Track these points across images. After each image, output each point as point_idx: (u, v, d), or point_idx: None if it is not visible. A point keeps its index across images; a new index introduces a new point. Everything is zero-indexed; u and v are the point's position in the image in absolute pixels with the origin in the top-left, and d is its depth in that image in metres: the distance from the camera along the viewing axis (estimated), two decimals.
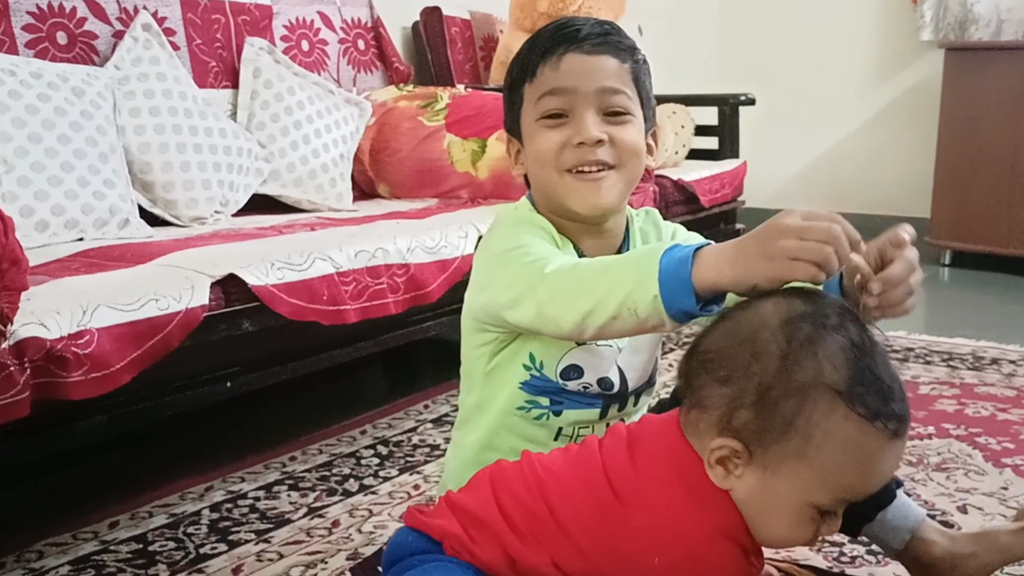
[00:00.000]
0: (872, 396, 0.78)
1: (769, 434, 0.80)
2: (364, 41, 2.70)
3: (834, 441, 0.78)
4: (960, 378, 2.15)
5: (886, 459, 0.81)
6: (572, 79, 1.05)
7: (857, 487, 0.81)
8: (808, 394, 0.79)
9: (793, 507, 0.82)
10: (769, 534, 0.85)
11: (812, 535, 0.84)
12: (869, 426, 0.78)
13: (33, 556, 1.42)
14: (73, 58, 1.99)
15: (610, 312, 0.89)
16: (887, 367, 0.81)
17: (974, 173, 3.49)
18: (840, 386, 0.78)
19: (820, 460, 0.79)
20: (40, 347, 1.19)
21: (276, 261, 1.54)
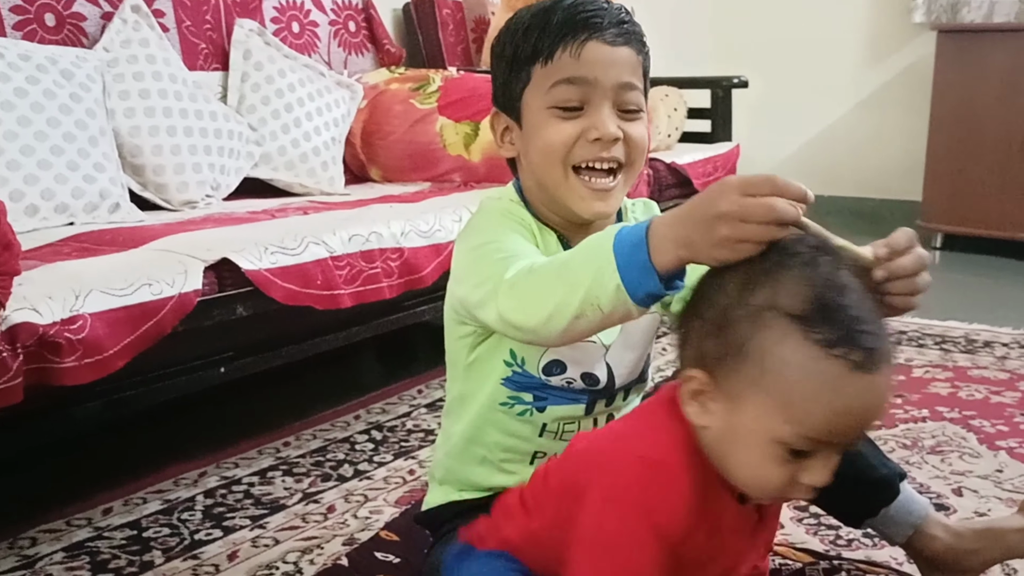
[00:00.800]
0: (832, 324, 0.73)
1: (727, 360, 0.77)
2: (355, 23, 2.68)
3: (790, 368, 0.74)
4: (953, 361, 2.16)
5: (853, 395, 0.74)
6: (593, 70, 0.99)
7: (823, 424, 0.74)
8: (761, 317, 0.75)
9: (759, 443, 0.77)
10: (740, 474, 0.80)
11: (786, 479, 0.79)
12: (825, 353, 0.73)
13: (26, 543, 1.41)
14: (62, 40, 1.97)
15: (572, 312, 0.86)
16: (860, 302, 0.75)
17: (966, 156, 3.49)
18: (795, 311, 0.74)
19: (777, 388, 0.74)
20: (33, 332, 1.17)
21: (269, 245, 1.52)
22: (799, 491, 0.80)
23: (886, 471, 1.15)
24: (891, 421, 1.79)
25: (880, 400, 0.76)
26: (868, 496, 1.15)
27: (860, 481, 1.14)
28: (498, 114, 1.09)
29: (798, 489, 0.80)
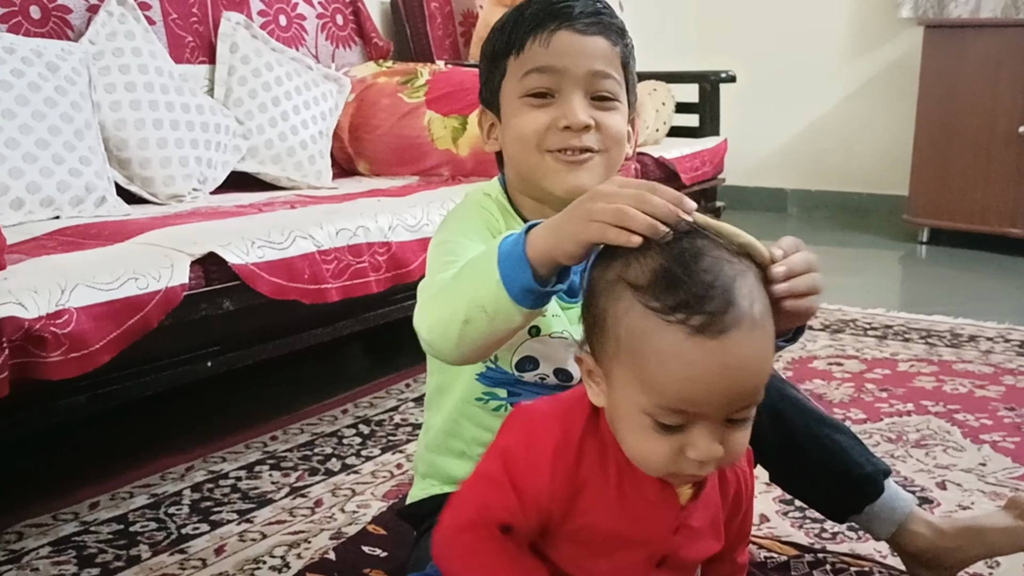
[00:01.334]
0: (671, 291, 0.72)
1: (595, 337, 0.78)
2: (343, 16, 2.67)
3: (636, 338, 0.73)
4: (938, 355, 2.17)
5: (699, 361, 0.71)
6: (562, 58, 1.00)
7: (675, 393, 0.72)
8: (612, 291, 0.76)
9: (631, 417, 0.76)
10: (629, 451, 0.79)
11: (669, 453, 0.75)
12: (663, 320, 0.72)
13: (12, 538, 1.40)
14: (47, 33, 1.95)
15: (461, 317, 0.85)
16: (711, 271, 0.73)
17: (952, 150, 3.51)
18: (638, 281, 0.74)
19: (629, 360, 0.74)
20: (18, 327, 1.17)
21: (256, 239, 1.52)
22: (691, 467, 0.76)
23: (871, 468, 1.16)
24: (876, 415, 1.80)
25: (735, 367, 0.72)
26: (852, 493, 1.16)
27: (844, 478, 1.15)
28: (484, 111, 1.10)
29: (689, 464, 0.76)
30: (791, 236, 0.86)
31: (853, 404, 1.86)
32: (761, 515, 1.41)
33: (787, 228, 4.18)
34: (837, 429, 1.17)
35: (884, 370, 2.07)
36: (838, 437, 1.16)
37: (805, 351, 2.23)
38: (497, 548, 0.81)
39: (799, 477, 1.19)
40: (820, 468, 1.15)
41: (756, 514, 1.39)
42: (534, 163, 1.03)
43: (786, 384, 1.18)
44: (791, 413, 1.14)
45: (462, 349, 0.89)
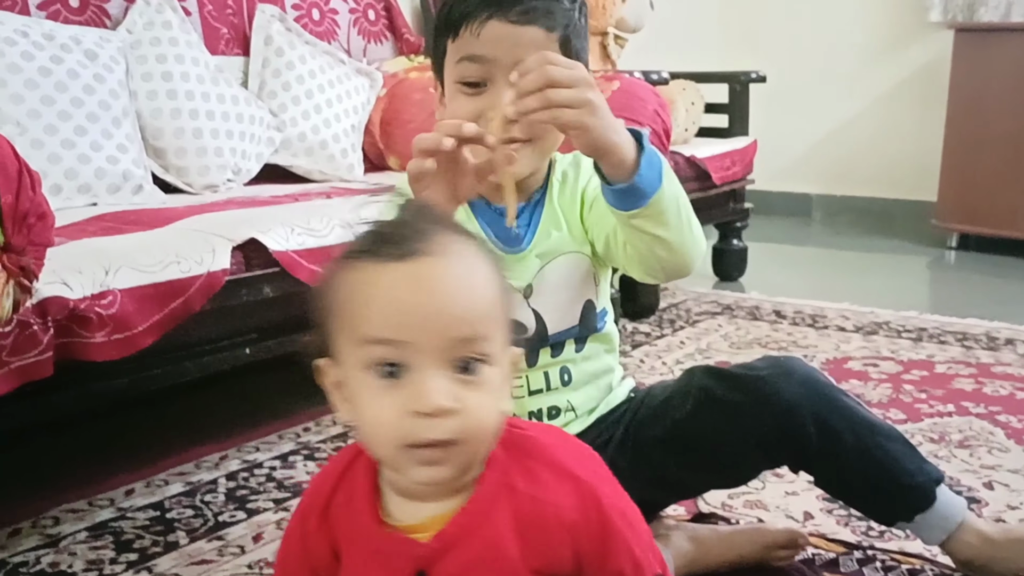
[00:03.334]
0: (365, 238, 0.74)
1: (326, 325, 0.75)
2: (374, 11, 2.67)
3: (342, 291, 0.73)
4: (976, 358, 2.14)
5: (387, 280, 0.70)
6: (492, 49, 1.00)
7: (371, 317, 0.70)
8: (332, 269, 0.75)
9: (358, 381, 0.72)
10: (369, 432, 0.73)
11: (395, 411, 0.70)
12: (359, 263, 0.72)
13: (49, 522, 1.40)
14: (85, 21, 1.95)
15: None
16: (405, 222, 0.74)
17: (982, 155, 3.48)
18: (348, 250, 0.74)
19: (341, 315, 0.73)
20: (63, 306, 1.16)
21: (296, 227, 1.51)
22: (424, 428, 0.69)
23: (923, 478, 1.13)
24: (916, 415, 1.78)
25: (432, 287, 0.70)
26: (902, 503, 1.14)
27: (894, 488, 1.13)
28: (436, 82, 1.11)
29: (420, 426, 0.69)
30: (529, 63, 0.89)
31: (892, 404, 1.84)
32: (805, 512, 1.39)
33: (811, 233, 4.15)
34: (888, 436, 1.14)
35: (921, 371, 2.04)
36: (889, 445, 1.13)
37: (839, 352, 2.20)
38: None
39: (846, 487, 1.17)
40: (868, 479, 1.13)
41: (799, 512, 1.38)
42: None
43: (836, 391, 1.14)
44: (837, 422, 1.11)
45: None
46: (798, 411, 1.09)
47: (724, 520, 1.37)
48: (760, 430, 1.10)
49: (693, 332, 2.41)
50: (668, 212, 0.95)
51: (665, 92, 2.55)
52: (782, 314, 2.56)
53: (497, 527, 0.75)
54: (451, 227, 0.76)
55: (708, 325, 2.48)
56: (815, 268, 3.47)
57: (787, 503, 1.41)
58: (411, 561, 0.75)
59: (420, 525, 0.75)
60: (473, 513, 0.75)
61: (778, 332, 2.39)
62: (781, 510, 1.40)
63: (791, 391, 1.10)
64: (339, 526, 0.78)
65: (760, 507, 1.41)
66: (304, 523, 0.80)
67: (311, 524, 0.79)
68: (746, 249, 3.10)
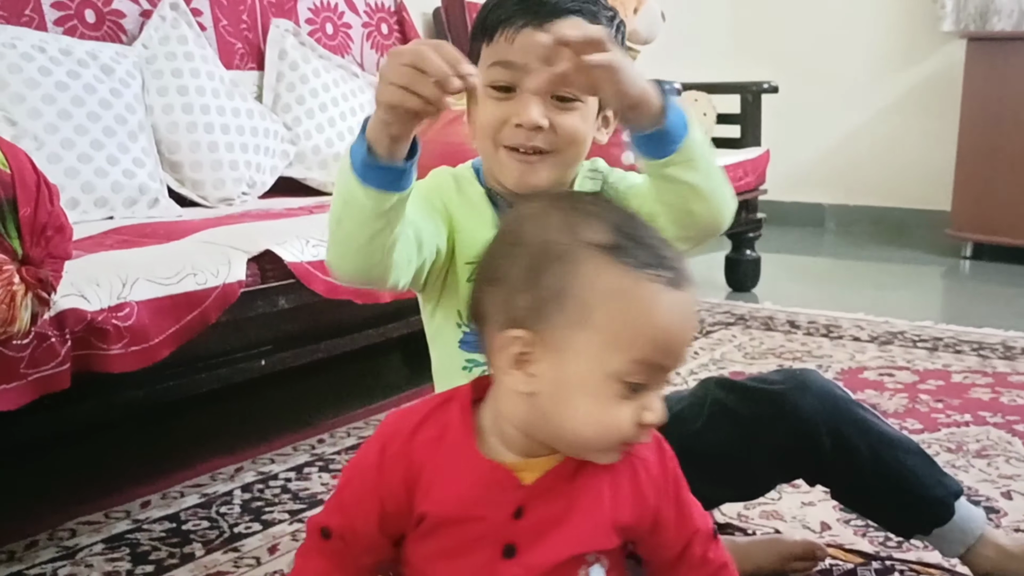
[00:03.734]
0: (638, 248, 0.76)
1: (548, 308, 0.76)
2: (387, 25, 2.68)
3: (610, 296, 0.74)
4: (992, 367, 2.13)
5: (669, 310, 0.75)
6: (524, 55, 0.98)
7: (647, 343, 0.75)
8: (573, 254, 0.75)
9: (595, 384, 0.75)
10: (584, 429, 0.77)
11: (632, 420, 0.76)
12: (640, 274, 0.75)
13: (66, 534, 1.40)
14: (101, 36, 1.97)
15: (335, 218, 0.88)
16: (652, 231, 0.79)
17: (996, 164, 3.47)
18: (605, 242, 0.76)
19: (602, 319, 0.74)
20: (81, 318, 1.17)
21: (311, 238, 1.52)
22: (642, 436, 0.78)
23: (941, 492, 1.12)
24: (933, 425, 1.77)
25: (692, 317, 0.79)
26: (920, 517, 1.13)
27: (912, 501, 1.12)
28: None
29: (640, 434, 0.78)
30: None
31: (908, 414, 1.83)
32: (822, 523, 1.38)
33: (825, 243, 4.14)
34: (906, 450, 1.13)
35: (938, 381, 2.03)
36: (906, 459, 1.12)
37: (854, 361, 2.19)
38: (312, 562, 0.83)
39: (863, 500, 1.16)
40: (886, 493, 1.12)
41: (816, 522, 1.37)
42: (489, 154, 1.04)
43: (853, 404, 1.14)
44: (855, 436, 1.10)
45: (346, 257, 0.90)
46: (814, 426, 1.09)
47: (740, 531, 1.36)
48: (776, 444, 1.09)
49: (707, 342, 2.40)
50: (698, 158, 0.95)
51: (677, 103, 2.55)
52: (796, 324, 2.55)
53: (595, 479, 0.82)
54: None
55: (722, 335, 2.47)
56: (829, 278, 3.46)
57: (804, 513, 1.41)
58: (514, 496, 0.80)
59: (521, 464, 0.81)
60: (575, 462, 0.81)
61: (792, 342, 2.38)
62: (798, 520, 1.39)
63: (807, 405, 1.09)
64: (426, 456, 0.81)
65: (777, 518, 1.40)
66: (384, 449, 0.82)
67: (392, 449, 0.81)
68: (759, 259, 3.10)
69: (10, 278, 1.06)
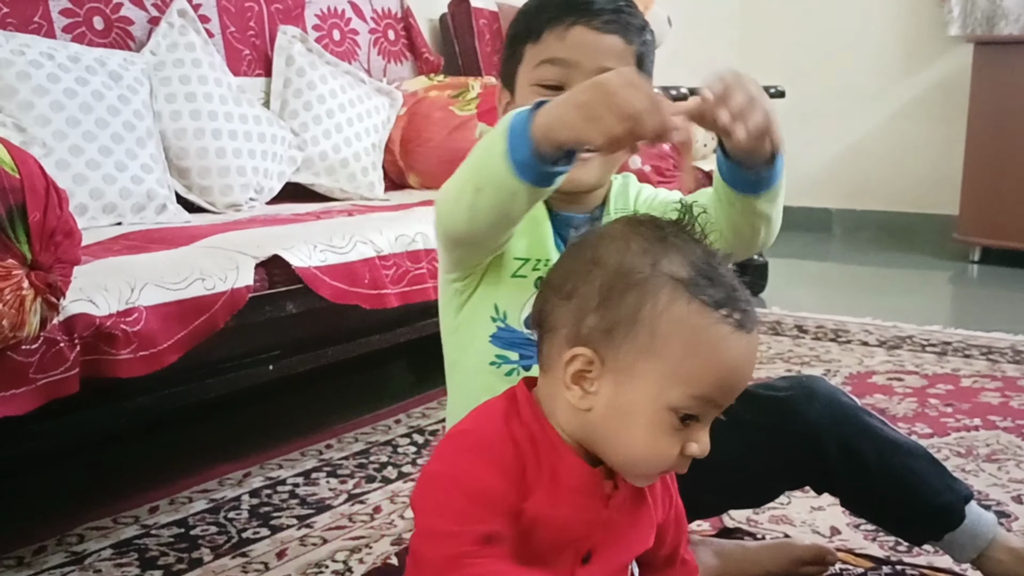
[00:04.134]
0: (713, 287, 0.77)
1: (617, 332, 0.77)
2: (394, 31, 2.69)
3: (680, 329, 0.76)
4: (1002, 371, 2.12)
5: (735, 351, 0.77)
6: (575, 53, 1.00)
7: (712, 382, 0.77)
8: (650, 284, 0.77)
9: (651, 413, 0.77)
10: (632, 452, 0.79)
11: (677, 450, 0.78)
12: (713, 313, 0.76)
13: (74, 539, 1.40)
14: (110, 43, 1.98)
15: (473, 184, 0.87)
16: (728, 271, 0.80)
17: (1003, 168, 3.46)
18: (681, 275, 0.77)
19: (668, 351, 0.76)
20: (89, 324, 1.18)
21: (318, 243, 1.52)
22: (681, 465, 0.81)
23: (951, 496, 1.12)
24: (943, 429, 1.76)
25: (754, 359, 0.80)
26: (930, 523, 1.13)
27: (922, 508, 1.12)
28: (503, 89, 1.10)
29: (680, 464, 0.80)
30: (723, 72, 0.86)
31: (918, 419, 1.82)
32: (832, 527, 1.37)
33: (832, 248, 4.13)
34: (914, 455, 1.13)
35: (947, 385, 2.02)
36: (915, 464, 1.12)
37: (863, 366, 2.19)
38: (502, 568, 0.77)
39: (872, 508, 1.16)
40: (895, 500, 1.11)
41: (826, 527, 1.37)
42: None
43: (860, 411, 1.13)
44: (862, 444, 1.10)
45: (474, 219, 0.90)
46: (821, 434, 1.09)
47: (750, 535, 1.35)
48: (782, 453, 1.09)
49: None
50: (782, 191, 0.98)
51: None
52: (804, 329, 2.55)
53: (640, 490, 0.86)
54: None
55: None
56: (836, 283, 3.45)
57: (813, 518, 1.40)
58: (603, 502, 0.83)
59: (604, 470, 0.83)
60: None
61: (800, 347, 2.37)
62: (808, 525, 1.38)
63: (814, 413, 1.09)
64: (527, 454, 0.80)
65: (786, 522, 1.40)
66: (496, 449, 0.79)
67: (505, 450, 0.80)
68: (767, 264, 3.09)
69: (19, 283, 1.06)
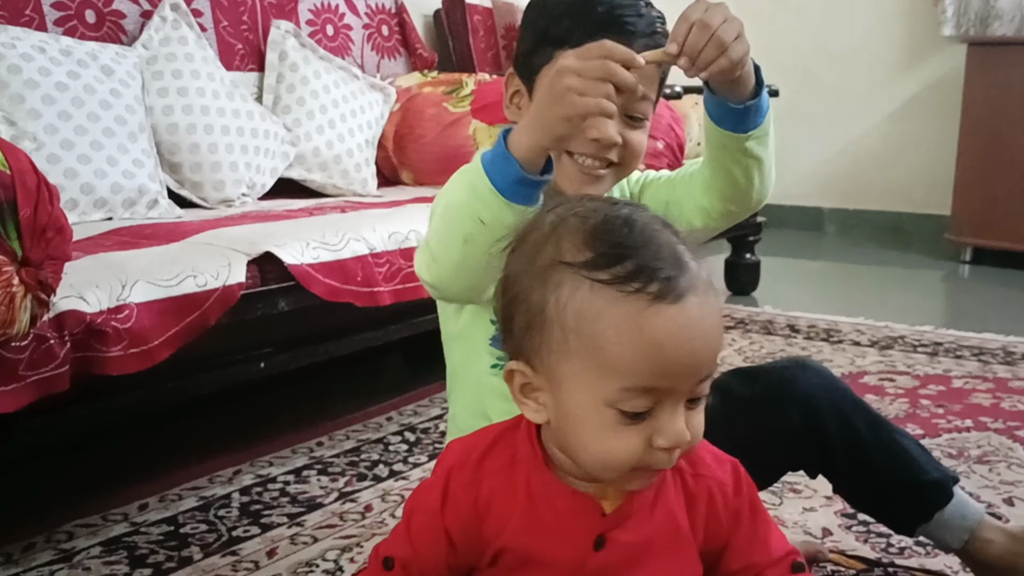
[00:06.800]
0: (619, 261, 0.68)
1: (532, 336, 0.71)
2: (388, 27, 2.68)
3: (589, 319, 0.68)
4: (993, 372, 2.13)
5: (658, 327, 0.67)
6: None
7: (641, 369, 0.67)
8: (548, 278, 0.70)
9: (591, 415, 0.69)
10: (590, 458, 0.72)
11: (638, 448, 0.70)
12: (619, 290, 0.67)
13: (63, 537, 1.40)
14: (101, 37, 1.97)
15: (461, 235, 0.87)
16: (648, 236, 0.70)
17: (996, 169, 3.47)
18: (577, 259, 0.69)
19: (584, 346, 0.68)
20: (80, 320, 1.17)
21: (311, 241, 1.52)
22: (660, 458, 0.71)
23: (939, 474, 1.13)
24: (934, 430, 1.76)
25: (698, 333, 0.68)
26: (921, 500, 1.13)
27: (913, 484, 1.12)
28: (514, 75, 1.09)
29: (657, 456, 0.71)
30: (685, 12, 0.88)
31: (909, 419, 1.82)
32: (824, 529, 1.37)
33: (824, 247, 4.14)
34: (902, 435, 1.15)
35: (938, 386, 2.03)
36: (904, 442, 1.14)
37: (855, 366, 2.19)
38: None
39: (866, 485, 1.15)
40: (887, 474, 1.12)
41: (818, 528, 1.37)
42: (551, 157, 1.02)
43: (848, 388, 1.15)
44: (854, 415, 1.12)
45: (464, 274, 0.90)
46: (817, 402, 1.10)
47: None
48: (780, 424, 1.10)
49: None
50: (771, 131, 1.00)
51: (678, 107, 2.55)
52: (796, 328, 2.55)
53: (669, 501, 0.79)
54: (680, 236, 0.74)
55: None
56: (828, 282, 3.45)
57: (805, 519, 1.40)
58: (595, 525, 0.76)
59: (600, 491, 0.77)
60: (654, 491, 0.78)
61: (792, 346, 2.38)
62: (799, 526, 1.38)
63: (809, 382, 1.11)
64: (496, 486, 0.77)
65: (778, 523, 1.38)
66: (450, 480, 0.78)
67: (459, 480, 0.78)
68: (759, 263, 3.09)
69: (9, 279, 1.05)
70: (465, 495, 0.77)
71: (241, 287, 1.39)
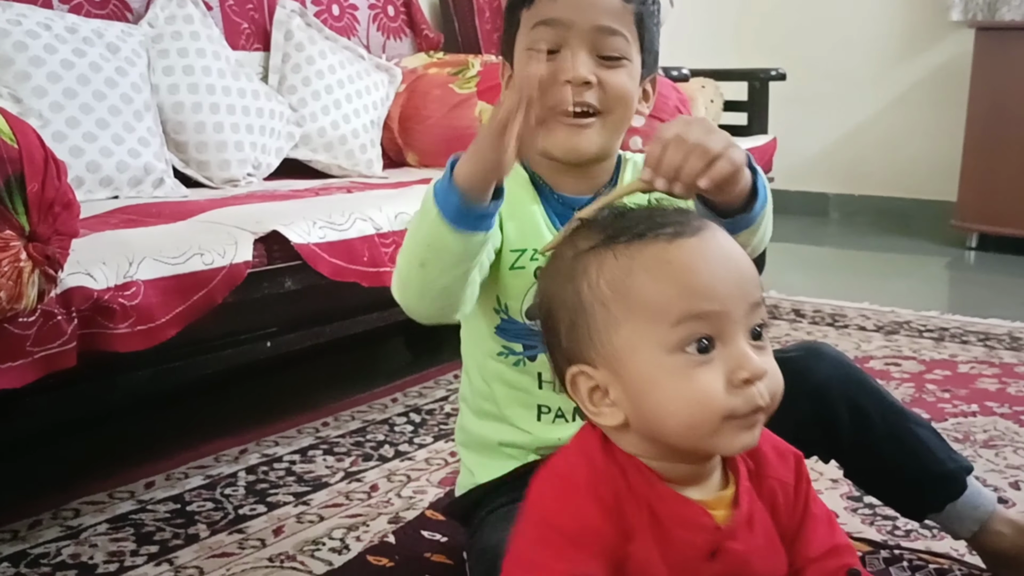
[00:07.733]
0: (635, 224, 0.73)
1: (579, 329, 0.72)
2: (394, 7, 2.66)
3: (621, 279, 0.71)
4: (999, 358, 2.12)
5: (684, 254, 0.70)
6: (568, 12, 0.97)
7: (677, 299, 0.69)
8: (575, 270, 0.73)
9: (661, 369, 0.69)
10: (680, 419, 0.70)
11: (720, 385, 0.69)
12: (640, 244, 0.71)
13: (69, 514, 1.40)
14: (107, 15, 1.96)
15: (417, 260, 0.89)
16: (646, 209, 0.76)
17: (1002, 155, 3.45)
18: (595, 240, 0.73)
19: (626, 304, 0.70)
20: (87, 297, 1.16)
21: (318, 220, 1.51)
22: (747, 398, 0.69)
23: (953, 465, 1.12)
24: (940, 415, 1.76)
25: (724, 254, 0.72)
26: (934, 491, 1.12)
27: (926, 475, 1.11)
28: (504, 63, 1.09)
29: (745, 396, 0.69)
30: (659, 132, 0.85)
31: (915, 404, 1.82)
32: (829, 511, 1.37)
33: (829, 233, 4.13)
34: (918, 423, 1.13)
35: (944, 371, 2.03)
36: (919, 431, 1.12)
37: (860, 351, 2.19)
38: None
39: (877, 474, 1.15)
40: (900, 465, 1.11)
41: None
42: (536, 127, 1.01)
43: (865, 374, 1.14)
44: (869, 404, 1.10)
45: (427, 298, 0.92)
46: (830, 392, 1.08)
47: None
48: (793, 412, 1.08)
49: None
50: (765, 224, 0.97)
51: (685, 89, 2.53)
52: (801, 313, 2.55)
53: (762, 510, 0.77)
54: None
55: None
56: (833, 268, 3.45)
57: None
58: (711, 537, 0.74)
59: (712, 501, 0.75)
60: (749, 497, 0.76)
61: (798, 331, 2.37)
62: None
63: (823, 371, 1.09)
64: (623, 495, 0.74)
65: None
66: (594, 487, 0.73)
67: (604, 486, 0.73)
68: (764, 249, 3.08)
69: (17, 254, 1.05)
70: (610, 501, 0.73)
71: (248, 265, 1.38)
